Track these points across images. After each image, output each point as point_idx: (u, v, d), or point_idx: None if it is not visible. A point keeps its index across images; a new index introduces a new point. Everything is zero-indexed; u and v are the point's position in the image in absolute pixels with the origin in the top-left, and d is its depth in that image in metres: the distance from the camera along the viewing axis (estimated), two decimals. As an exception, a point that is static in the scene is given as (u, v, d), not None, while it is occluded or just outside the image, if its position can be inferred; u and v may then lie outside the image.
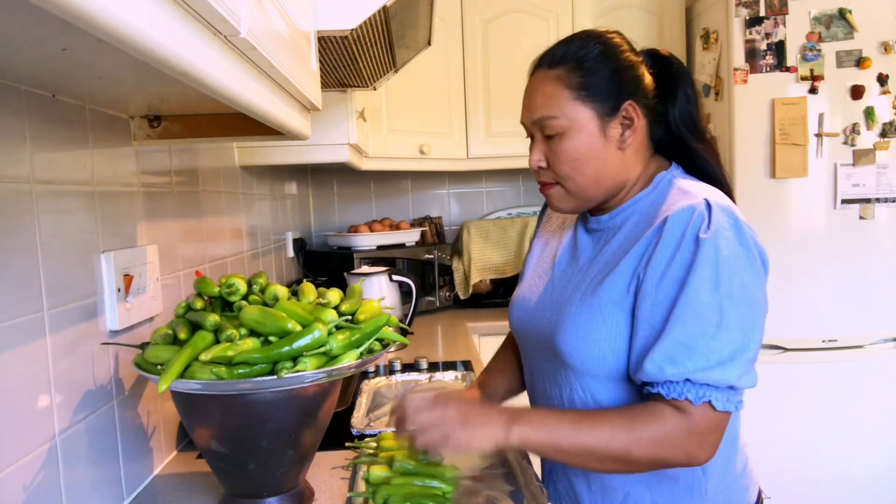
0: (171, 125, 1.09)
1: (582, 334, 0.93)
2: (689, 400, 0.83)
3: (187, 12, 0.49)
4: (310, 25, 0.97)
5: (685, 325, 0.83)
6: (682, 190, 0.93)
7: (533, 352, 1.08)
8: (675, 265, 0.85)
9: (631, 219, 0.97)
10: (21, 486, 0.77)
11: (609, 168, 0.95)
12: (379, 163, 2.35)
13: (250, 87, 0.68)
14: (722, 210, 0.86)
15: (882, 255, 2.33)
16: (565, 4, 2.63)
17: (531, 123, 0.98)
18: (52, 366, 0.84)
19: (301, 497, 0.99)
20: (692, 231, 0.85)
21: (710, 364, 0.82)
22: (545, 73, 0.96)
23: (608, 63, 0.93)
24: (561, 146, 0.94)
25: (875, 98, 2.29)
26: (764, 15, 2.31)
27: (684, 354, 0.83)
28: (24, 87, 0.79)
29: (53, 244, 0.85)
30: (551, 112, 0.94)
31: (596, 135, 0.93)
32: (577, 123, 0.93)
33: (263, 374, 0.84)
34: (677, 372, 0.83)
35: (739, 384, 0.83)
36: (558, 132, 0.94)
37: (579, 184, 0.96)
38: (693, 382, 0.83)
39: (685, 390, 0.83)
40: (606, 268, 0.94)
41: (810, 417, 2.37)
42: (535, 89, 0.97)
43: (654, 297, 0.86)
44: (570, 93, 0.93)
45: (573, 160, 0.94)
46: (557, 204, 1.00)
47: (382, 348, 0.95)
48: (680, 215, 0.87)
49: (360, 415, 1.36)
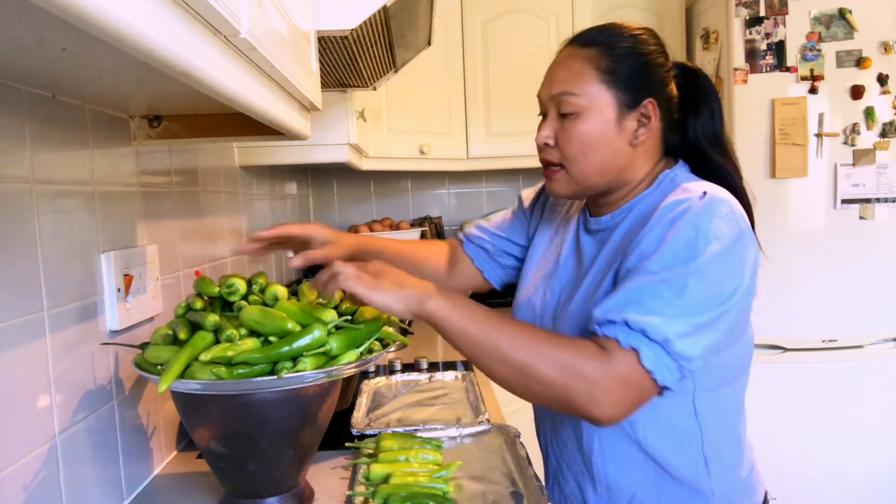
0: (171, 125, 1.09)
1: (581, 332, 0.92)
2: (618, 341, 0.79)
3: (187, 12, 0.49)
4: (310, 25, 0.97)
5: (641, 281, 0.81)
6: (684, 188, 0.91)
7: None
8: (651, 237, 0.84)
9: (630, 218, 0.96)
10: (21, 486, 0.77)
11: (616, 160, 0.94)
12: (379, 163, 2.35)
13: (250, 87, 0.68)
14: (718, 199, 0.84)
15: (882, 255, 2.33)
16: (565, 4, 2.63)
17: (549, 97, 0.95)
18: (52, 366, 0.84)
19: (301, 497, 0.99)
20: (675, 213, 0.84)
21: (651, 315, 0.78)
22: (575, 50, 0.95)
23: (638, 56, 0.93)
24: (574, 126, 0.92)
25: (875, 98, 2.29)
26: (764, 15, 2.31)
27: (629, 304, 0.80)
28: (24, 87, 0.79)
29: (53, 244, 0.85)
30: (573, 88, 0.92)
31: (611, 122, 0.92)
32: (595, 105, 0.91)
33: (263, 374, 0.84)
34: (617, 316, 0.80)
35: (678, 346, 0.78)
36: (575, 111, 0.92)
37: (583, 169, 0.94)
38: (630, 327, 0.79)
39: (618, 332, 0.80)
40: (606, 267, 0.94)
41: (810, 417, 2.37)
42: (561, 64, 0.95)
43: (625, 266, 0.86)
44: (597, 74, 0.92)
45: (584, 143, 0.92)
46: (556, 187, 0.98)
47: (382, 348, 0.95)
48: (671, 204, 0.86)
49: (360, 415, 1.36)
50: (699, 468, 0.94)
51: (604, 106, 0.92)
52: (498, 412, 1.39)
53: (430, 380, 1.62)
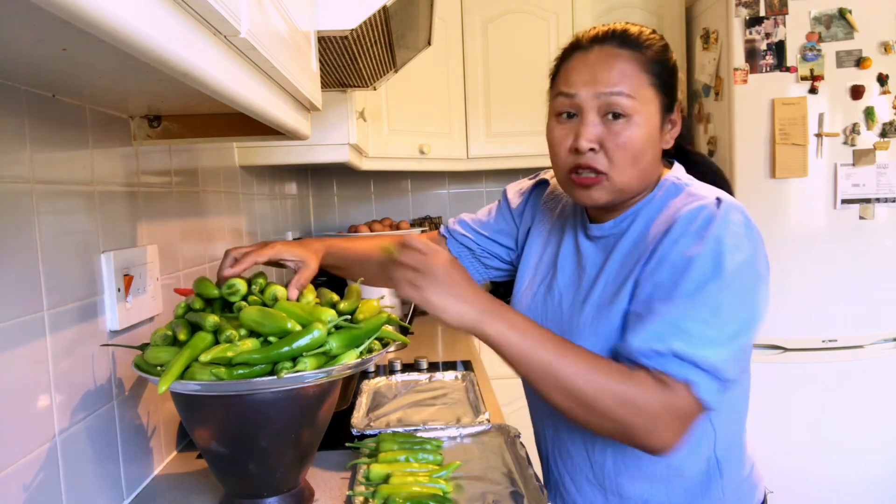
0: (171, 125, 1.09)
1: (599, 348, 0.90)
2: (673, 376, 0.80)
3: (187, 12, 0.49)
4: (310, 25, 0.97)
5: (679, 307, 0.81)
6: (691, 193, 0.91)
7: None
8: (677, 252, 0.83)
9: (637, 223, 0.94)
10: (21, 485, 0.76)
11: (654, 166, 0.93)
12: (379, 163, 2.35)
13: (250, 87, 0.68)
14: (733, 207, 0.85)
15: (882, 255, 2.33)
16: (565, 4, 2.63)
17: (594, 96, 0.89)
18: (52, 366, 0.84)
19: (301, 497, 0.99)
20: (698, 224, 0.84)
21: (699, 344, 0.79)
22: (618, 50, 0.90)
23: (668, 60, 0.93)
24: (627, 131, 0.88)
25: (875, 98, 2.29)
26: (764, 15, 2.31)
27: (673, 334, 0.80)
28: (24, 87, 0.79)
29: (53, 244, 0.85)
30: (628, 89, 0.87)
31: (657, 128, 0.91)
32: (646, 110, 0.89)
33: (263, 374, 0.84)
34: (664, 347, 0.80)
35: (725, 370, 0.80)
36: (628, 114, 0.88)
37: (630, 176, 0.90)
38: (680, 358, 0.80)
39: (668, 365, 0.80)
40: (619, 276, 0.92)
41: (810, 417, 2.37)
42: (609, 64, 0.89)
43: (652, 281, 0.85)
44: (648, 77, 0.89)
45: (635, 150, 0.88)
46: (596, 196, 0.91)
47: (382, 348, 0.95)
48: (690, 214, 0.85)
49: (360, 415, 1.36)
50: (712, 468, 0.94)
51: (652, 111, 0.89)
52: (498, 412, 1.39)
53: (430, 380, 1.62)
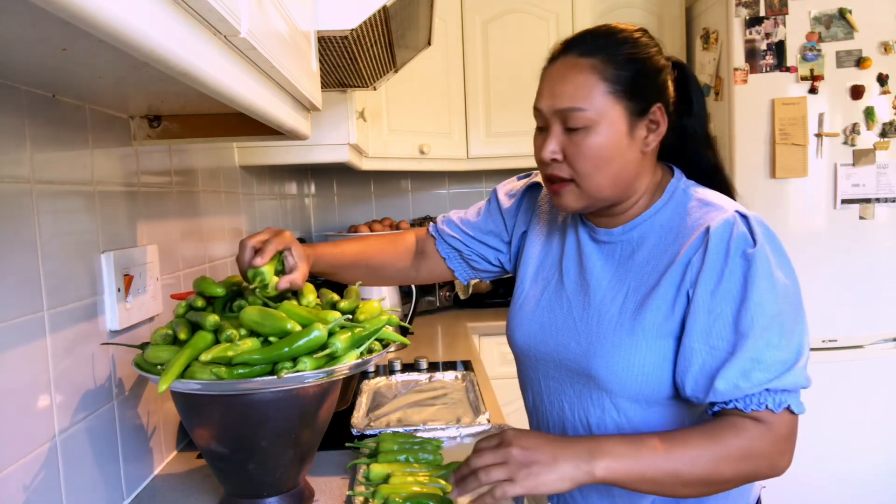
0: (171, 125, 1.09)
1: (624, 359, 0.90)
2: (771, 409, 0.82)
3: (187, 12, 0.49)
4: (310, 25, 0.97)
5: (753, 339, 0.82)
6: (704, 201, 0.91)
7: (550, 373, 1.02)
8: (728, 280, 0.84)
9: (651, 233, 0.94)
10: (21, 486, 0.77)
11: (629, 170, 0.92)
12: (379, 163, 2.35)
13: (250, 87, 0.68)
14: (757, 221, 0.87)
15: (882, 255, 2.33)
16: (565, 4, 2.63)
17: (553, 112, 0.90)
18: (52, 366, 0.84)
19: (301, 497, 0.99)
20: (737, 245, 0.85)
21: (781, 371, 0.82)
22: (575, 60, 0.89)
23: (644, 62, 0.90)
24: (586, 140, 0.88)
25: (875, 98, 2.29)
26: (764, 15, 2.31)
27: (756, 368, 0.82)
28: (24, 87, 0.79)
29: (53, 244, 0.85)
30: (581, 103, 0.87)
31: (623, 134, 0.89)
32: (607, 119, 0.88)
33: (263, 374, 0.84)
34: (752, 385, 0.82)
35: (805, 381, 0.83)
36: (585, 125, 0.88)
37: (598, 182, 0.90)
38: (771, 391, 0.82)
39: (764, 400, 0.82)
40: (642, 287, 0.91)
41: (810, 417, 2.36)
42: (564, 76, 0.89)
43: (708, 315, 0.85)
44: (606, 86, 0.87)
45: (597, 157, 0.89)
46: (566, 202, 0.93)
47: (382, 348, 0.95)
48: (721, 230, 0.86)
49: (360, 415, 1.36)
50: None
51: (615, 118, 0.88)
52: (498, 412, 1.39)
53: (430, 380, 1.62)
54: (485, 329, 2.40)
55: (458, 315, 2.61)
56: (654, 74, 0.91)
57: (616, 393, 0.92)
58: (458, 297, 2.75)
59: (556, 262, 1.05)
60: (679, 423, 0.92)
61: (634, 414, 0.92)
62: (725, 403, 0.84)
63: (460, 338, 2.20)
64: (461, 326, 2.38)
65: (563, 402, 1.00)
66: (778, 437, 0.83)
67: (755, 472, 0.83)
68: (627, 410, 0.92)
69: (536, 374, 1.05)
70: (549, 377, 1.02)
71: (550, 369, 1.01)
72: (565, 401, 0.99)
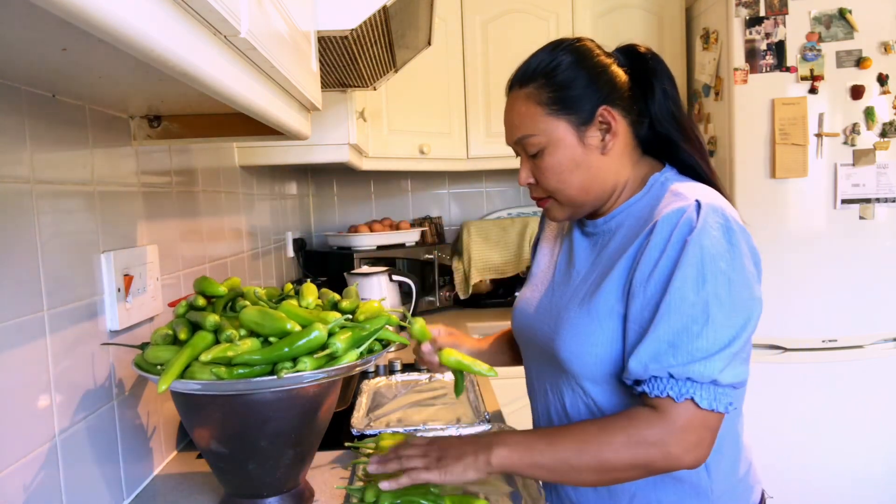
0: (171, 125, 1.09)
1: (580, 340, 0.93)
2: (671, 397, 0.82)
3: (187, 12, 0.49)
4: (310, 25, 0.97)
5: (669, 323, 0.83)
6: (675, 192, 0.92)
7: (534, 357, 1.08)
8: (662, 265, 0.85)
9: (625, 223, 0.97)
10: (21, 486, 0.77)
11: (595, 175, 0.96)
12: (379, 163, 2.35)
13: (250, 87, 0.68)
14: (712, 210, 0.86)
15: (882, 255, 2.33)
16: (565, 4, 2.63)
17: (513, 144, 0.99)
18: (52, 366, 0.84)
19: (301, 497, 0.99)
20: (679, 231, 0.85)
21: (694, 359, 0.81)
22: (517, 93, 0.97)
23: (577, 72, 0.93)
24: (544, 162, 0.95)
25: (875, 98, 2.29)
26: (764, 15, 2.31)
27: (667, 352, 0.82)
28: (24, 87, 0.79)
29: (53, 244, 0.85)
30: (528, 131, 0.95)
31: (575, 145, 0.94)
32: (554, 137, 0.94)
33: (263, 374, 0.84)
34: (659, 367, 0.83)
35: (723, 379, 0.82)
36: (539, 149, 0.95)
37: (568, 194, 0.97)
38: (675, 378, 0.82)
39: (667, 387, 0.82)
40: (603, 273, 0.94)
41: (810, 417, 2.37)
42: (511, 110, 0.98)
43: (642, 299, 0.87)
44: (543, 109, 0.94)
45: (558, 173, 0.95)
46: (554, 214, 1.02)
47: (382, 348, 0.95)
48: (669, 217, 0.87)
49: (360, 415, 1.36)
50: (699, 469, 0.94)
51: (561, 135, 0.94)
52: (498, 412, 1.39)
53: (430, 380, 1.62)
54: (485, 329, 2.40)
55: (458, 315, 2.61)
56: (594, 78, 0.94)
57: (579, 375, 0.95)
58: (458, 298, 2.75)
59: (552, 259, 1.11)
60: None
61: (600, 397, 0.94)
62: (637, 385, 0.86)
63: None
64: (461, 327, 2.38)
65: (547, 385, 1.04)
66: (673, 427, 0.82)
67: (648, 461, 0.83)
68: (593, 393, 0.95)
69: (528, 360, 1.12)
70: (533, 361, 1.09)
71: (535, 354, 1.07)
72: (547, 385, 1.04)
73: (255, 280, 1.87)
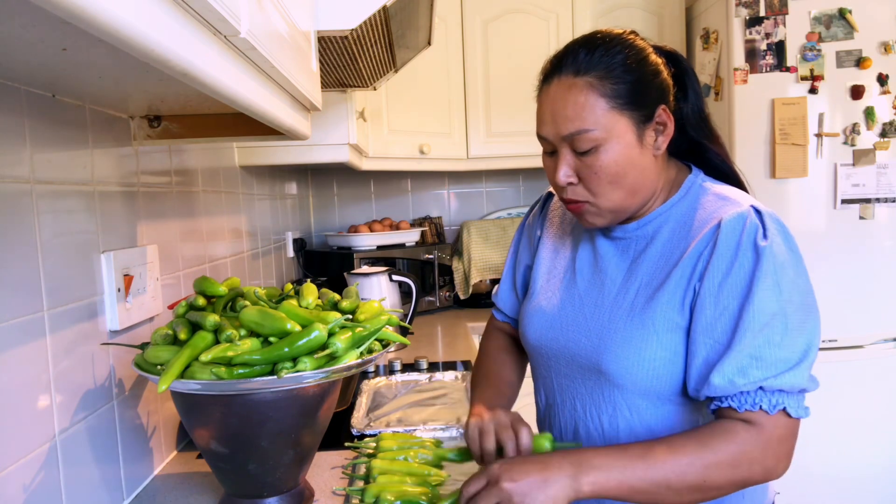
0: (171, 125, 1.09)
1: (634, 353, 0.89)
2: (764, 409, 0.81)
3: (187, 12, 0.49)
4: (310, 25, 0.97)
5: (753, 335, 0.81)
6: (720, 195, 0.90)
7: (559, 369, 1.01)
8: (735, 274, 0.83)
9: (665, 227, 0.93)
10: (21, 486, 0.77)
11: (646, 177, 0.91)
12: (379, 163, 2.35)
13: (250, 87, 0.68)
14: (771, 217, 0.86)
15: (882, 255, 2.33)
16: (565, 4, 2.63)
17: (559, 138, 0.88)
18: (52, 366, 0.84)
19: (301, 497, 0.99)
20: (748, 238, 0.84)
21: (780, 371, 0.81)
22: (571, 80, 0.87)
23: (639, 68, 0.87)
24: (598, 161, 0.87)
25: (875, 98, 2.29)
26: (764, 15, 2.31)
27: (753, 365, 0.81)
28: (24, 87, 0.79)
29: (53, 244, 0.85)
30: (585, 124, 0.85)
31: (633, 144, 0.87)
32: (614, 134, 0.86)
33: (263, 374, 0.84)
34: (748, 382, 0.81)
35: (806, 384, 0.82)
36: (594, 145, 0.86)
37: (615, 198, 0.89)
38: (766, 390, 0.81)
39: (759, 400, 0.81)
40: (653, 281, 0.91)
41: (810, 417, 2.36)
42: (563, 99, 0.87)
43: (713, 309, 0.84)
44: (606, 102, 0.85)
45: (611, 174, 0.87)
46: (592, 220, 0.93)
47: (382, 348, 0.95)
48: (733, 223, 0.85)
49: (360, 415, 1.36)
50: None
51: (622, 131, 0.86)
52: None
53: (430, 380, 1.62)
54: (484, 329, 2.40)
55: (458, 315, 2.61)
56: (653, 76, 0.89)
57: (627, 389, 0.91)
58: (458, 298, 2.75)
59: (568, 262, 1.04)
60: (692, 424, 0.91)
61: (646, 412, 0.91)
62: (721, 401, 0.83)
63: (460, 338, 2.20)
64: (461, 326, 2.38)
65: (576, 400, 0.98)
66: (770, 440, 0.81)
67: (748, 478, 0.82)
68: (639, 408, 0.91)
69: (549, 371, 1.03)
70: (561, 374, 1.01)
71: (562, 366, 1.00)
72: (577, 399, 0.98)
73: (255, 280, 1.87)
